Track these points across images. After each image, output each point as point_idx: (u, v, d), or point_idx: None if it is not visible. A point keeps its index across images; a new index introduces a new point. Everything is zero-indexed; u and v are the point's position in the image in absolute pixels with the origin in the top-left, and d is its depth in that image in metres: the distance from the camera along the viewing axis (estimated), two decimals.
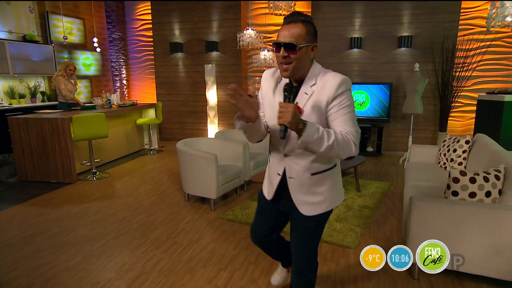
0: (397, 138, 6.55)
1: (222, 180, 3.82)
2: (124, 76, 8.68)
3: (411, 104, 5.38)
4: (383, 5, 6.28)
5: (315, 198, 1.63)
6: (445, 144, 3.76)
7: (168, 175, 5.19)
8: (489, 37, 6.07)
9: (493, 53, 6.19)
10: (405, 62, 6.32)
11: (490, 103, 5.59)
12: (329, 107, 1.47)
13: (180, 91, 7.72)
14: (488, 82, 6.33)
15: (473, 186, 2.32)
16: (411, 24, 6.22)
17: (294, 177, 1.62)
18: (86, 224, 3.48)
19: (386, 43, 6.37)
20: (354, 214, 3.60)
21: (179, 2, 7.30)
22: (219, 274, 2.60)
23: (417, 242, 2.37)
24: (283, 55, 1.44)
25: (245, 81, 7.45)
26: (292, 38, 1.43)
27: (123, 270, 2.65)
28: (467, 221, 2.23)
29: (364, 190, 4.31)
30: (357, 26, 6.48)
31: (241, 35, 6.21)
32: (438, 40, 6.04)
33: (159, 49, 7.66)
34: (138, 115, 6.74)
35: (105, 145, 5.69)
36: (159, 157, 6.43)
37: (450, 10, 6.03)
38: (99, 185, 4.76)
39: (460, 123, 6.57)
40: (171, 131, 7.91)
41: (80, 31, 7.64)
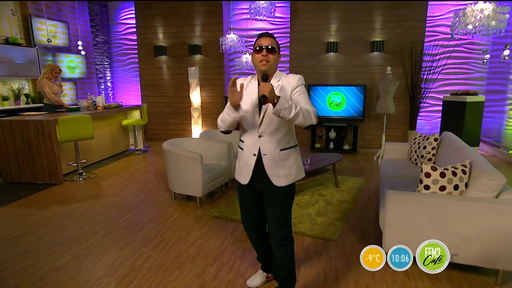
0: (371, 137, 6.69)
1: (208, 178, 3.79)
2: (109, 78, 8.48)
3: (384, 105, 5.50)
4: (357, 11, 6.39)
5: (284, 171, 1.96)
6: (416, 141, 3.87)
7: (154, 175, 5.11)
8: (452, 43, 6.29)
9: (455, 58, 6.42)
10: (378, 65, 6.46)
11: (454, 103, 5.79)
12: (293, 93, 1.91)
13: (164, 93, 7.60)
14: (451, 84, 6.56)
15: (443, 180, 2.39)
16: (382, 30, 6.36)
17: (267, 154, 1.93)
18: (73, 224, 3.37)
19: (360, 48, 6.49)
20: (334, 208, 3.64)
21: (163, 7, 7.19)
22: (207, 269, 2.57)
23: (393, 232, 2.45)
24: (264, 54, 1.85)
25: (227, 83, 7.41)
26: (272, 44, 1.88)
27: (113, 268, 2.59)
28: (437, 212, 2.30)
29: (342, 185, 4.38)
30: (333, 31, 6.56)
31: (224, 39, 6.18)
32: (407, 45, 6.21)
33: (143, 52, 7.51)
34: (123, 116, 6.59)
35: (91, 146, 5.53)
36: (145, 157, 6.32)
37: (417, 18, 6.20)
38: (86, 186, 4.62)
39: (427, 121, 6.78)
40: (156, 131, 7.78)
41: (64, 34, 7.38)
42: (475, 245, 2.27)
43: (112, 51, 8.40)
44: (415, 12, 6.18)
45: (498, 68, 6.28)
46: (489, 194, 2.31)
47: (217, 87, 7.30)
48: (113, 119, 6.27)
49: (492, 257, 2.27)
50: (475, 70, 6.54)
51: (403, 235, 2.41)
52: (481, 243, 2.26)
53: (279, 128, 1.91)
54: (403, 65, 6.24)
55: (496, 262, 2.27)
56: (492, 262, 2.28)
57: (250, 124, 1.94)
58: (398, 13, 6.23)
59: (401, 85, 6.29)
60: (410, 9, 6.19)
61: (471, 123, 5.72)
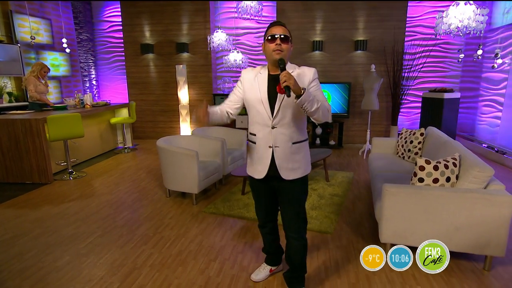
0: (355, 132, 6.79)
1: (203, 175, 3.74)
2: (94, 76, 8.21)
3: (369, 101, 5.59)
4: (341, 12, 6.45)
5: (294, 164, 1.91)
6: (402, 136, 3.95)
7: (146, 172, 4.99)
8: (430, 43, 6.45)
9: (433, 57, 6.59)
10: (361, 63, 6.55)
11: (433, 100, 5.97)
12: (309, 87, 1.85)
13: (151, 91, 7.44)
14: (430, 82, 6.74)
15: (436, 173, 2.45)
16: (365, 30, 6.45)
17: (279, 146, 1.88)
18: (69, 224, 3.25)
19: (344, 46, 6.56)
20: (327, 202, 3.68)
21: (149, 5, 7.01)
22: (210, 265, 2.54)
23: (390, 224, 2.49)
24: (278, 43, 1.79)
25: (215, 81, 7.33)
26: (285, 33, 1.82)
27: (115, 267, 2.51)
28: (432, 203, 2.36)
29: (332, 179, 4.42)
30: (318, 31, 6.60)
31: (212, 37, 6.09)
32: (389, 45, 6.33)
33: (130, 50, 7.31)
34: (111, 114, 6.40)
35: (79, 144, 5.34)
36: (134, 155, 6.17)
37: (398, 19, 6.33)
38: (77, 185, 4.46)
39: (407, 117, 6.95)
40: (144, 129, 7.61)
41: (47, 31, 7.07)
42: (466, 234, 2.35)
43: (96, 49, 8.12)
44: (396, 13, 6.30)
45: (471, 67, 6.50)
46: (478, 185, 2.39)
47: (205, 85, 7.21)
48: (101, 117, 6.08)
49: (481, 244, 2.35)
50: (450, 69, 6.75)
51: (399, 226, 2.46)
52: (471, 231, 2.33)
53: (293, 121, 1.86)
54: (385, 64, 6.36)
55: (485, 248, 2.36)
56: (482, 248, 2.36)
57: (262, 116, 1.87)
58: (380, 14, 6.34)
59: (384, 83, 6.40)
60: (391, 10, 6.30)
61: (448, 118, 5.92)
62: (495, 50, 5.65)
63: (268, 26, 1.87)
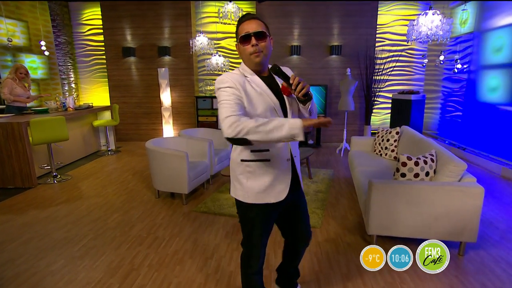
0: (332, 132, 6.94)
1: (193, 175, 3.69)
2: (73, 79, 7.86)
3: (345, 103, 5.73)
4: (317, 18, 6.57)
5: (300, 172, 1.66)
6: (379, 135, 4.09)
7: (132, 174, 4.85)
8: (398, 48, 6.73)
9: (401, 62, 6.87)
10: (336, 67, 6.71)
11: (401, 101, 6.21)
12: None
13: (133, 94, 7.23)
14: (398, 84, 7.02)
15: (417, 168, 2.56)
16: (340, 35, 6.61)
17: (296, 156, 1.60)
18: (59, 227, 3.10)
19: (320, 51, 6.69)
20: (312, 198, 3.74)
21: (130, 9, 6.81)
22: (207, 262, 2.51)
23: (376, 216, 2.57)
24: (254, 43, 1.42)
25: (197, 84, 7.25)
26: (260, 28, 1.43)
27: (112, 268, 2.43)
28: (414, 196, 2.46)
29: (315, 177, 4.50)
30: (296, 36, 6.69)
31: (194, 41, 6.01)
32: (362, 50, 6.52)
33: (111, 53, 7.07)
34: (94, 117, 6.17)
35: (62, 147, 5.11)
36: (118, 157, 5.97)
37: (369, 26, 6.54)
38: (63, 188, 4.26)
39: (378, 117, 7.20)
40: (126, 131, 7.38)
41: (24, 33, 6.69)
42: (444, 223, 2.47)
43: (75, 52, 7.79)
44: (367, 20, 6.50)
45: (434, 71, 6.84)
46: (453, 179, 2.52)
47: (187, 87, 7.10)
48: (84, 120, 5.84)
49: (457, 231, 2.48)
50: (415, 72, 7.05)
51: (384, 219, 2.55)
52: (448, 220, 2.46)
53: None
54: (359, 67, 6.55)
55: (460, 235, 2.49)
56: (457, 236, 2.50)
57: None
58: (353, 21, 6.52)
59: (357, 85, 6.59)
60: (363, 18, 6.50)
61: (415, 118, 6.18)
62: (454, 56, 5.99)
63: (238, 22, 1.49)
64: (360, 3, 6.44)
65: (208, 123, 6.96)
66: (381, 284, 2.20)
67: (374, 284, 2.21)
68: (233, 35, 7.06)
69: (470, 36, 5.69)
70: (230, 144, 1.62)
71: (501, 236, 2.89)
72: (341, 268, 2.42)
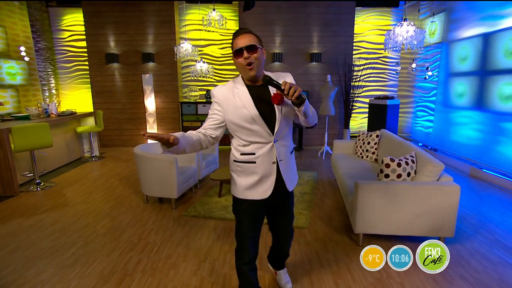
0: (313, 135, 7.06)
1: (182, 180, 3.64)
2: (53, 85, 7.57)
3: (326, 108, 5.85)
4: (297, 27, 6.69)
5: (293, 174, 1.77)
6: (360, 138, 4.20)
7: (118, 180, 4.72)
8: (373, 56, 6.96)
9: (376, 69, 7.10)
10: (317, 73, 6.85)
11: (377, 106, 6.42)
12: None
13: (117, 100, 7.05)
14: (373, 90, 7.24)
15: (399, 169, 2.66)
16: (319, 44, 6.75)
17: (282, 159, 1.68)
18: (46, 236, 2.97)
19: (301, 58, 6.80)
20: (298, 200, 3.78)
21: (114, 16, 6.67)
22: (201, 266, 2.48)
23: (362, 216, 2.63)
24: (246, 56, 1.52)
25: (181, 89, 7.17)
26: (251, 41, 1.53)
27: (105, 275, 2.35)
28: (397, 196, 2.55)
29: (300, 179, 4.55)
30: (277, 43, 6.78)
31: (179, 47, 5.96)
32: (340, 57, 6.70)
33: (94, 59, 6.87)
34: (77, 123, 5.96)
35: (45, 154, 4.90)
36: (102, 163, 5.79)
37: (346, 34, 6.73)
38: (47, 195, 4.09)
39: (356, 121, 7.39)
40: (110, 137, 7.18)
41: (2, 39, 6.39)
42: (425, 220, 2.57)
43: (56, 58, 7.51)
44: (345, 30, 6.69)
45: (406, 78, 7.12)
46: (432, 178, 2.63)
47: (171, 93, 7.01)
48: (67, 126, 5.63)
49: (436, 228, 2.59)
50: (389, 79, 7.32)
51: (370, 218, 2.62)
52: (429, 217, 2.56)
53: (288, 130, 1.70)
54: (338, 74, 6.71)
55: (439, 231, 2.60)
56: (437, 231, 2.60)
57: (260, 134, 1.60)
58: (332, 30, 6.69)
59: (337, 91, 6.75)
60: (341, 27, 6.68)
61: (391, 122, 6.41)
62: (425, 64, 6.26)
63: (233, 37, 1.59)
64: (338, 13, 6.62)
65: (193, 128, 6.87)
66: (370, 280, 2.26)
67: (363, 280, 2.26)
68: (216, 43, 7.06)
69: (439, 46, 5.97)
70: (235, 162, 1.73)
71: (474, 231, 3.03)
72: (331, 266, 2.46)
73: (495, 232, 3.01)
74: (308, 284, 2.24)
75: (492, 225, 3.15)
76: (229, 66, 7.16)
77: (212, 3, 6.38)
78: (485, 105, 4.74)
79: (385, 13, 7.03)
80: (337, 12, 6.62)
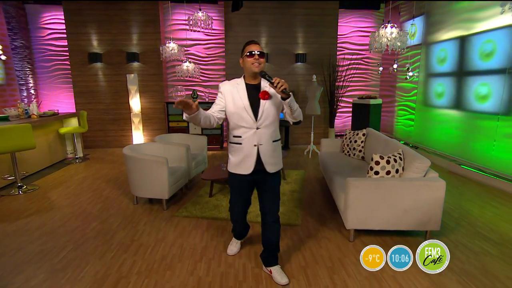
0: (299, 135, 7.13)
1: (172, 181, 3.60)
2: (32, 85, 7.28)
3: (312, 107, 5.93)
4: (282, 27, 6.74)
5: (274, 159, 2.17)
6: (347, 136, 4.29)
7: (105, 182, 4.60)
8: (356, 57, 7.11)
9: (358, 69, 7.27)
10: (302, 74, 6.92)
11: (361, 105, 6.57)
12: None
13: (101, 100, 6.87)
14: (356, 90, 7.41)
15: (389, 166, 2.74)
16: (304, 44, 6.84)
17: (263, 144, 2.10)
18: (33, 240, 2.86)
19: (286, 59, 6.86)
20: (288, 198, 3.81)
21: (96, 14, 6.49)
22: (197, 266, 2.47)
23: (353, 212, 2.70)
24: (256, 58, 2.01)
25: (166, 89, 7.07)
26: (261, 50, 2.05)
27: (99, 278, 2.30)
28: (387, 192, 2.62)
29: (288, 178, 4.60)
30: (263, 44, 6.80)
31: (165, 47, 5.87)
32: (325, 58, 6.80)
33: (76, 59, 6.66)
34: (59, 124, 5.75)
35: (27, 156, 4.71)
36: (87, 165, 5.63)
37: (330, 35, 6.84)
38: (30, 199, 3.93)
39: (339, 120, 7.53)
40: (93, 138, 6.98)
41: None
42: (413, 214, 2.66)
43: (34, 57, 7.22)
44: (329, 31, 6.80)
45: (388, 78, 7.32)
46: (419, 174, 2.73)
47: (157, 93, 6.90)
48: (49, 128, 5.43)
49: (423, 222, 2.69)
50: (371, 79, 7.51)
51: (361, 214, 2.68)
52: (416, 212, 2.65)
53: (273, 122, 2.11)
54: (323, 74, 6.82)
55: (426, 225, 2.70)
56: (424, 225, 2.70)
57: (246, 120, 2.07)
58: (316, 31, 6.78)
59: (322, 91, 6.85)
60: (325, 28, 6.78)
61: (374, 121, 6.57)
62: (406, 65, 6.46)
63: (245, 45, 2.07)
64: (322, 15, 6.72)
65: (180, 128, 6.81)
66: (363, 274, 2.32)
67: (357, 274, 2.32)
68: (202, 43, 7.01)
69: (419, 47, 6.18)
70: (229, 144, 2.23)
71: (456, 223, 3.17)
72: (325, 261, 2.50)
73: (475, 224, 3.16)
74: (305, 280, 2.28)
75: (472, 217, 3.31)
76: (215, 66, 7.13)
77: (198, 3, 6.33)
78: (462, 104, 4.96)
79: (366, 15, 7.20)
80: (321, 13, 6.72)
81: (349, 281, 2.25)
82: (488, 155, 4.41)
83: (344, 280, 2.26)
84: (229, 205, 2.44)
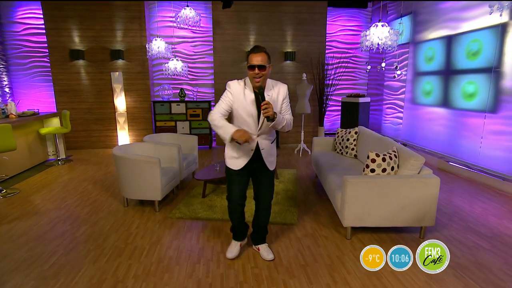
0: (289, 134, 7.16)
1: (165, 181, 3.56)
2: (6, 83, 7.00)
3: (302, 106, 5.99)
4: (271, 25, 6.77)
5: (272, 158, 2.41)
6: (339, 135, 4.36)
7: (92, 184, 4.49)
8: (344, 56, 7.23)
9: (347, 68, 7.39)
10: (291, 72, 6.98)
11: (350, 103, 6.70)
12: (282, 102, 2.28)
13: (83, 99, 6.69)
14: (345, 88, 7.53)
15: (384, 164, 2.81)
16: (293, 43, 6.89)
17: (264, 148, 2.31)
18: (19, 246, 2.77)
19: (275, 57, 6.89)
20: (283, 197, 3.85)
21: (78, 9, 6.32)
22: (196, 267, 2.46)
23: (351, 209, 2.75)
24: (257, 72, 2.06)
25: (152, 88, 6.97)
26: (262, 62, 2.06)
27: (94, 283, 2.25)
28: (383, 189, 2.69)
29: (281, 177, 4.63)
30: (252, 42, 6.81)
31: (151, 45, 5.78)
32: (314, 56, 6.88)
33: (56, 56, 6.46)
34: (39, 124, 5.57)
35: (7, 159, 4.54)
36: (70, 166, 5.48)
37: (319, 34, 6.93)
38: (12, 203, 3.79)
39: (328, 119, 7.64)
40: (76, 139, 6.79)
41: None
42: (408, 211, 2.74)
43: (8, 53, 6.94)
44: (317, 29, 6.88)
45: (375, 77, 7.49)
46: (414, 172, 2.81)
47: (143, 92, 6.79)
48: (28, 128, 5.25)
49: (419, 218, 2.77)
50: (360, 77, 7.65)
51: (358, 211, 2.74)
52: (412, 208, 2.73)
53: (271, 129, 2.29)
54: (312, 73, 6.89)
55: (421, 221, 2.79)
56: (419, 221, 2.79)
57: (249, 126, 2.24)
58: (304, 29, 6.85)
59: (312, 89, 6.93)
60: (314, 26, 6.86)
61: (363, 119, 6.71)
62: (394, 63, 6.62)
63: (249, 52, 2.12)
64: (311, 13, 6.79)
65: (167, 128, 6.73)
66: (363, 271, 2.36)
67: (357, 271, 2.37)
68: (189, 41, 6.95)
69: (407, 46, 6.35)
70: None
71: (449, 219, 3.29)
72: (325, 259, 2.55)
73: (467, 219, 3.28)
74: (305, 278, 2.31)
75: (463, 213, 3.44)
76: (202, 64, 7.08)
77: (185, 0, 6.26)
78: (450, 102, 5.13)
79: (354, 13, 7.33)
80: (309, 11, 6.80)
81: (350, 278, 2.30)
82: (476, 152, 4.59)
83: (344, 277, 2.30)
84: (227, 203, 2.52)
